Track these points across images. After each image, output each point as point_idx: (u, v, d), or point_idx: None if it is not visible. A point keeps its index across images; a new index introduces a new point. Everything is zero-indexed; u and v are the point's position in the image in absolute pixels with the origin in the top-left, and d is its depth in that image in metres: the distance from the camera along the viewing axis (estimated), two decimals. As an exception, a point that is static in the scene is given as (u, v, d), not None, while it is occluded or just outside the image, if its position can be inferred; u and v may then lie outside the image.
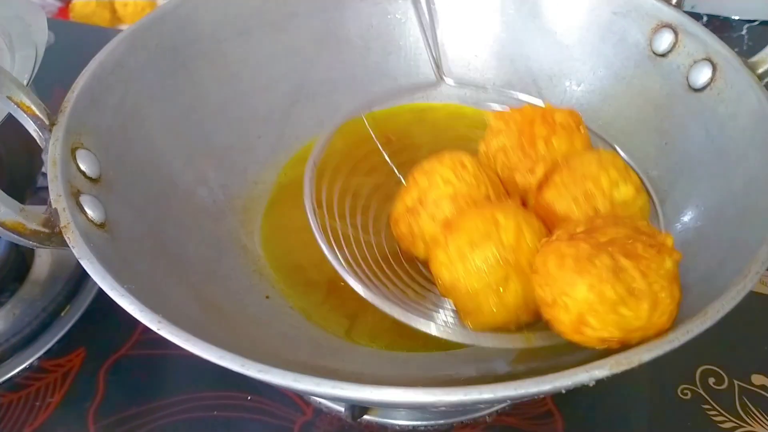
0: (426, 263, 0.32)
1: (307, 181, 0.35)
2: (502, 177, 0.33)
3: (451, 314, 0.31)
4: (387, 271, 0.33)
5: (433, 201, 0.31)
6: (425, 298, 0.32)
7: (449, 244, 0.28)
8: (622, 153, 0.36)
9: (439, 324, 0.29)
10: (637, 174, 0.31)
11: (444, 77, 0.43)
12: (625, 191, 0.29)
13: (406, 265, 0.33)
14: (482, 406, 0.34)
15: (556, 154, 0.32)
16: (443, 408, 0.33)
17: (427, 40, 0.42)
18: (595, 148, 0.34)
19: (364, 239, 0.34)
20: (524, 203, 0.32)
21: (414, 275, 0.33)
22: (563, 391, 0.20)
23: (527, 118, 0.33)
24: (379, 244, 0.35)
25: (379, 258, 0.33)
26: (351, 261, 0.32)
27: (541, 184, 0.31)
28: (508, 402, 0.34)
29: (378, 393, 0.21)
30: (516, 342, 0.28)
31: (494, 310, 0.28)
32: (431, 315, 0.31)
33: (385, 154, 0.39)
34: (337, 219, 0.35)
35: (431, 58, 0.42)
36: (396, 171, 0.38)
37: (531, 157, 0.32)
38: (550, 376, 0.20)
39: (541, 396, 0.26)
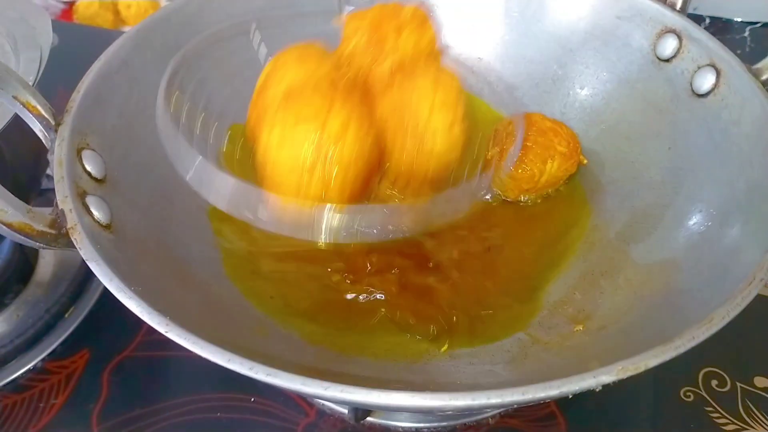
0: None
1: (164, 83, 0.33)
2: (359, 79, 0.33)
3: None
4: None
5: (280, 66, 0.30)
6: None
7: (278, 112, 0.28)
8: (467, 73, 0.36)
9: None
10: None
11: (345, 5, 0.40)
12: (440, 120, 0.30)
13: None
14: (487, 409, 0.35)
15: (406, 46, 0.32)
16: (450, 412, 0.33)
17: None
18: (439, 67, 0.33)
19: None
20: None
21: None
22: (570, 396, 0.20)
23: (377, 15, 0.33)
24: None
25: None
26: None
27: (387, 82, 0.31)
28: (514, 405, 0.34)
29: (386, 397, 0.21)
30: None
31: (295, 191, 0.28)
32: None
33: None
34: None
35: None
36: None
37: (383, 51, 0.32)
38: (558, 381, 0.20)
39: (548, 400, 0.26)
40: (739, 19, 0.64)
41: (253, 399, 0.36)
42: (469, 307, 0.35)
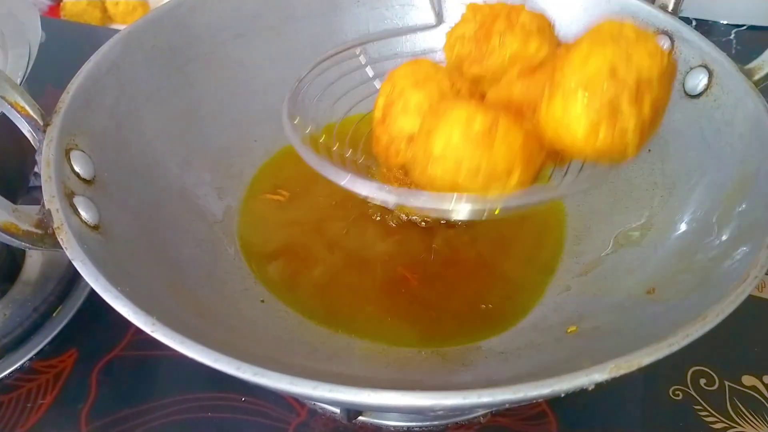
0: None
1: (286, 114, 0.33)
2: (454, 65, 0.33)
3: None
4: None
5: (399, 94, 0.30)
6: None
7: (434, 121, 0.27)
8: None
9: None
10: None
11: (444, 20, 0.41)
12: None
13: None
14: (478, 408, 0.35)
15: (505, 51, 0.31)
16: (440, 411, 0.33)
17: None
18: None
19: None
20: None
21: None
22: (562, 395, 0.20)
23: (493, 12, 0.32)
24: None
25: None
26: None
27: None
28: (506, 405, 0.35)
29: (376, 396, 0.21)
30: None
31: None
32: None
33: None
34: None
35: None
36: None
37: (481, 50, 0.32)
38: (550, 380, 0.20)
39: (540, 400, 0.26)
40: (725, 22, 0.64)
41: (243, 399, 0.36)
42: (459, 305, 0.35)
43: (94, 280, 0.24)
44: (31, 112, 0.29)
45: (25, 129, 0.29)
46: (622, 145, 0.24)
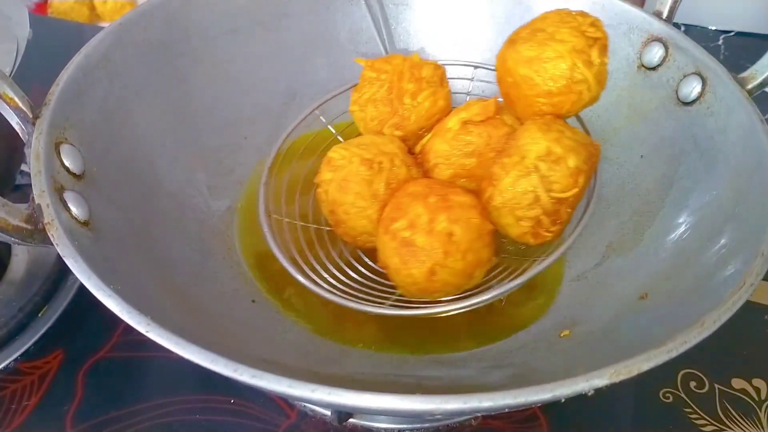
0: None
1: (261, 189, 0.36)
2: (371, 127, 0.35)
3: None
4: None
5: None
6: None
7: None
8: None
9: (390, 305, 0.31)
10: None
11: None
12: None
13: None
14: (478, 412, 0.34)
15: (421, 110, 0.34)
16: (440, 415, 0.33)
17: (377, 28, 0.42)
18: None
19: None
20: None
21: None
22: (562, 400, 0.20)
23: (397, 70, 0.35)
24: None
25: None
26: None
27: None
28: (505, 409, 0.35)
29: (375, 400, 0.20)
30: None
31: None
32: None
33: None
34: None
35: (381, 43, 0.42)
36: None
37: (398, 112, 0.34)
38: (550, 385, 0.20)
39: (540, 404, 0.26)
40: (714, 28, 0.65)
41: (232, 401, 0.35)
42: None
43: (86, 278, 0.23)
44: (20, 104, 0.28)
45: (14, 121, 0.28)
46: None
